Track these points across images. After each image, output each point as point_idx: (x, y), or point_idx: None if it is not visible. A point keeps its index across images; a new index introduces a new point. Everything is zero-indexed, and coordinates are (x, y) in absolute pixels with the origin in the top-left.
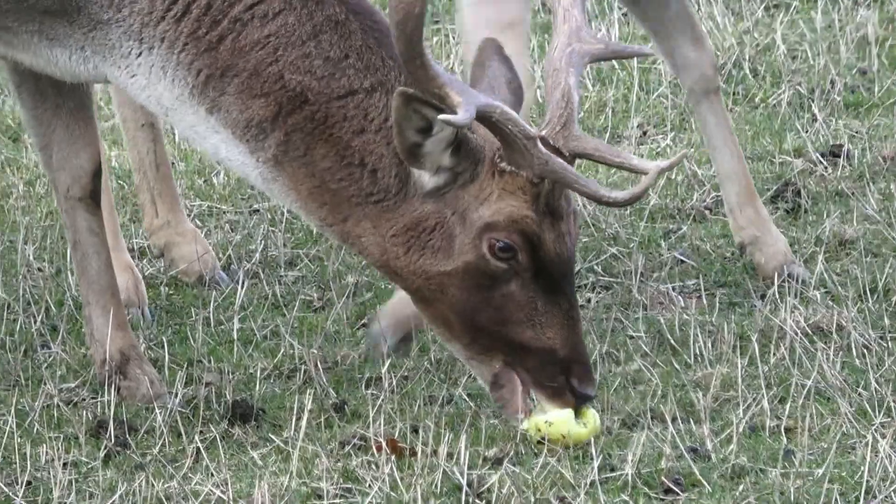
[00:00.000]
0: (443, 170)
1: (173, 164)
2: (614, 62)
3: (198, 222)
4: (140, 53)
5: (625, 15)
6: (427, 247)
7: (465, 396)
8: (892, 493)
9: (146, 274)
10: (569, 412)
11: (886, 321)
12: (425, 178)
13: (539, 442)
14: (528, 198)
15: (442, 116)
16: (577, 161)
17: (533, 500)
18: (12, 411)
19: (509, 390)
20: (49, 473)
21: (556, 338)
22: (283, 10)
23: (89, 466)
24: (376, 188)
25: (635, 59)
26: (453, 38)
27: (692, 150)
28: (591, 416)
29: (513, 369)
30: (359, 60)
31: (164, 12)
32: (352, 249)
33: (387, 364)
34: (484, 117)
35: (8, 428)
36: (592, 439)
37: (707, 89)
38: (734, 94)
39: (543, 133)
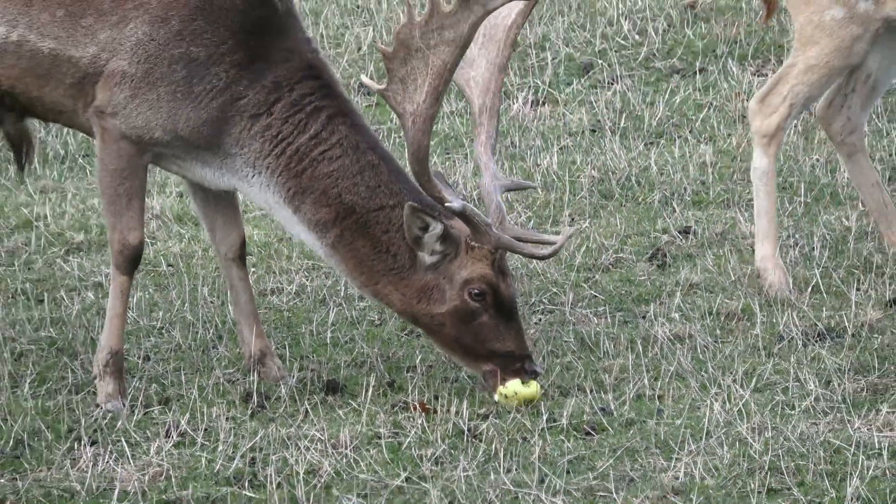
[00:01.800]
0: (436, 252)
1: (290, 237)
2: (555, 178)
3: (306, 274)
4: (254, 175)
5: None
6: (430, 299)
7: (467, 377)
8: (722, 434)
9: (274, 305)
10: (517, 381)
11: (718, 332)
12: (426, 259)
13: (498, 402)
14: (489, 262)
15: (447, 204)
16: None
17: (507, 439)
18: (195, 387)
19: (493, 382)
20: (217, 424)
21: (512, 344)
22: (342, 155)
23: (242, 420)
24: (396, 265)
25: (567, 175)
26: (457, 162)
27: (601, 228)
28: (534, 383)
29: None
30: (386, 188)
31: (269, 152)
32: (380, 302)
33: (418, 357)
34: (462, 212)
35: (193, 396)
36: (542, 403)
37: None
38: (624, 197)
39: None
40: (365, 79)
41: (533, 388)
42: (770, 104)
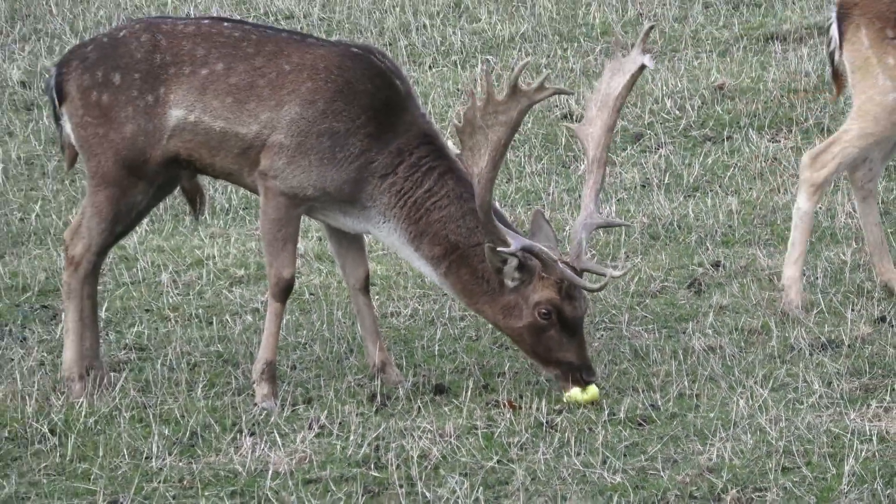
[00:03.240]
0: (515, 279)
1: (406, 272)
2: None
3: (418, 300)
4: (384, 222)
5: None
6: (512, 315)
7: (544, 380)
8: (746, 425)
9: (393, 325)
10: (577, 390)
11: (742, 344)
12: (508, 283)
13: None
14: (556, 289)
15: (499, 248)
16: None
17: (576, 429)
18: (332, 389)
19: (562, 384)
20: (349, 418)
21: (573, 356)
22: (449, 204)
23: (368, 415)
24: (489, 288)
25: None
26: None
27: (650, 263)
28: (592, 388)
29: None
30: (478, 223)
31: (395, 204)
32: (481, 316)
33: (507, 365)
34: (531, 251)
35: (330, 397)
36: (603, 401)
37: None
38: (668, 238)
39: (567, 260)
40: (451, 143)
41: (591, 392)
42: (821, 160)
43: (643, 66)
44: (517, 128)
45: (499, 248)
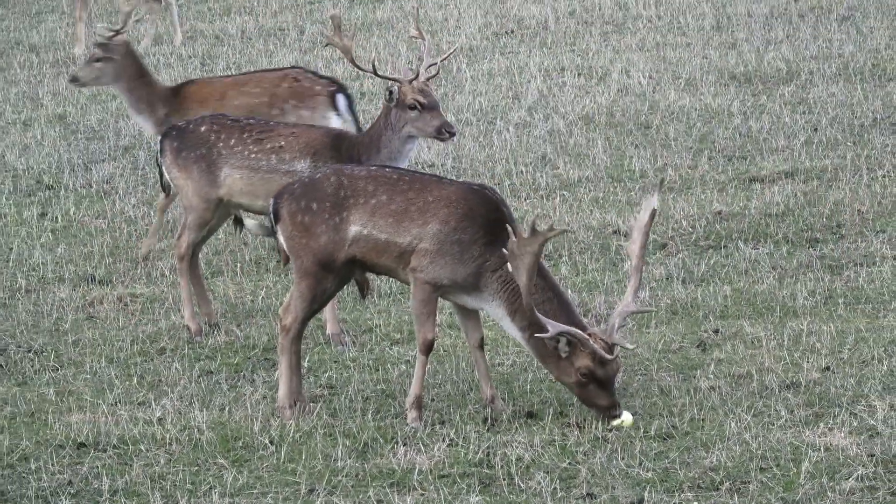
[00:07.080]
0: (565, 351)
1: (507, 336)
2: (649, 304)
3: (516, 356)
4: (493, 301)
5: None
6: (565, 374)
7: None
8: (735, 439)
9: (499, 371)
10: (617, 420)
11: (733, 385)
12: (561, 353)
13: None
14: (591, 358)
15: (537, 335)
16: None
17: (622, 441)
18: (458, 414)
19: (602, 417)
20: (470, 434)
21: (604, 402)
22: (535, 293)
23: (482, 431)
24: (552, 353)
25: (654, 302)
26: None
27: (671, 329)
28: (629, 420)
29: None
30: (553, 313)
31: (500, 290)
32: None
33: (575, 399)
34: (568, 334)
35: (456, 419)
36: (640, 424)
37: None
38: (683, 313)
39: (603, 336)
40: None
41: (627, 422)
42: None
43: (654, 209)
44: (540, 256)
45: (536, 335)
